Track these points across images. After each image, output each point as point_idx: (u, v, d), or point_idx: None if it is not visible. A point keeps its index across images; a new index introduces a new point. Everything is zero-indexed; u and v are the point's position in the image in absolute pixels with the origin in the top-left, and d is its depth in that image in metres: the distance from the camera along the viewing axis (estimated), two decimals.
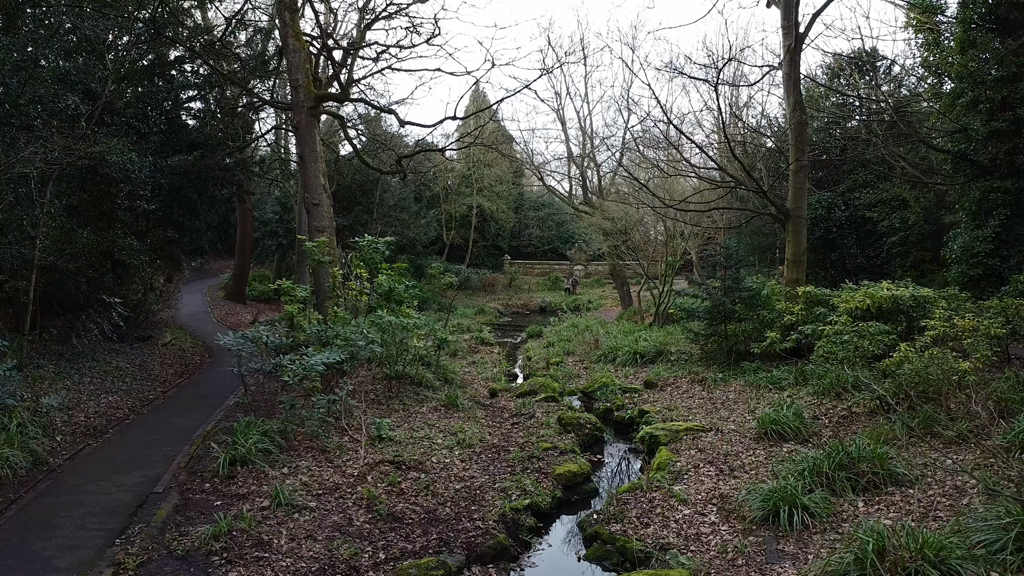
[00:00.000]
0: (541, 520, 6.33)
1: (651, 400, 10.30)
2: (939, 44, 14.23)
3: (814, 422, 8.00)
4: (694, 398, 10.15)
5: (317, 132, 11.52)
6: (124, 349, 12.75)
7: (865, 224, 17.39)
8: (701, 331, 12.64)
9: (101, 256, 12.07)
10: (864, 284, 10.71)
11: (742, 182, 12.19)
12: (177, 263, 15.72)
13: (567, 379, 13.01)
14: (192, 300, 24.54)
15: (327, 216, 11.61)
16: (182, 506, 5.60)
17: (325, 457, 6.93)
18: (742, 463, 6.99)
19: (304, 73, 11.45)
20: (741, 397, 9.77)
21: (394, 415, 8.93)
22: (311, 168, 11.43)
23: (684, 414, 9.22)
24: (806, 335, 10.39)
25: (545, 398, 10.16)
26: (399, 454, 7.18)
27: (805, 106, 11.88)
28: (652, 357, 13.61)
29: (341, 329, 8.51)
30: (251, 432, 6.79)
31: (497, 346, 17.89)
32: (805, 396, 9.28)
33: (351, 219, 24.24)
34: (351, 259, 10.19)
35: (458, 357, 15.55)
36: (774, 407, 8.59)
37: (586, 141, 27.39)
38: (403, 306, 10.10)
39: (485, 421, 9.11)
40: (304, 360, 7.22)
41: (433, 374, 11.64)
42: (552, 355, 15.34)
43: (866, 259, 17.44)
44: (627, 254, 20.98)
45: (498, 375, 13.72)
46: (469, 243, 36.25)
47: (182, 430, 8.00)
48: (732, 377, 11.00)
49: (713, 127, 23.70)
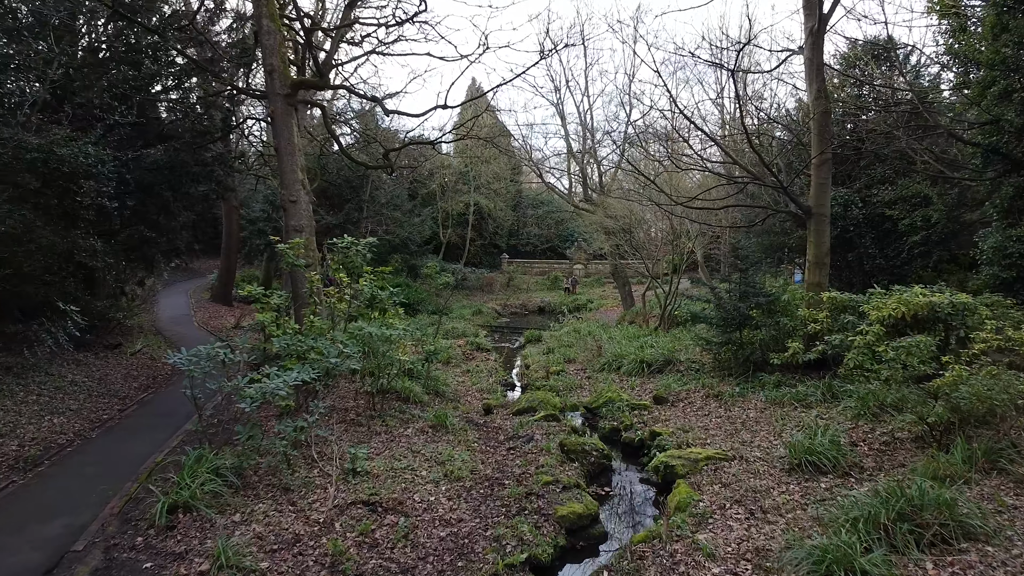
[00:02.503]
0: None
1: (662, 418, 9.29)
2: (966, 30, 13.27)
3: (852, 450, 7.01)
4: (710, 416, 9.15)
5: (295, 123, 10.49)
6: (87, 360, 11.74)
7: (883, 223, 16.38)
8: (714, 339, 11.64)
9: (61, 258, 11.05)
10: (896, 289, 9.73)
11: (758, 177, 11.16)
12: (151, 265, 14.67)
13: (569, 391, 12.01)
14: (175, 302, 23.51)
15: (306, 215, 10.59)
16: (102, 570, 4.59)
17: (287, 498, 5.91)
18: (776, 503, 5.99)
19: (280, 58, 10.40)
20: (763, 416, 8.77)
21: (375, 439, 7.92)
22: (288, 162, 10.40)
23: (701, 436, 8.22)
24: (833, 346, 9.40)
25: (545, 416, 9.15)
26: (375, 491, 6.17)
27: (829, 94, 10.86)
28: (660, 366, 12.62)
29: (313, 342, 7.49)
30: (200, 469, 5.78)
31: (494, 352, 16.87)
32: (836, 416, 8.29)
33: (342, 217, 23.20)
34: (329, 262, 9.16)
35: (451, 365, 14.55)
36: (805, 431, 7.61)
37: (586, 136, 26.40)
38: (387, 314, 9.08)
39: (478, 445, 8.10)
40: (266, 383, 6.20)
41: (423, 387, 10.65)
42: (552, 363, 14.34)
43: (885, 260, 16.43)
44: (630, 253, 19.98)
45: (494, 386, 12.71)
46: (466, 242, 35.24)
47: (130, 460, 6.99)
48: (750, 391, 10.01)
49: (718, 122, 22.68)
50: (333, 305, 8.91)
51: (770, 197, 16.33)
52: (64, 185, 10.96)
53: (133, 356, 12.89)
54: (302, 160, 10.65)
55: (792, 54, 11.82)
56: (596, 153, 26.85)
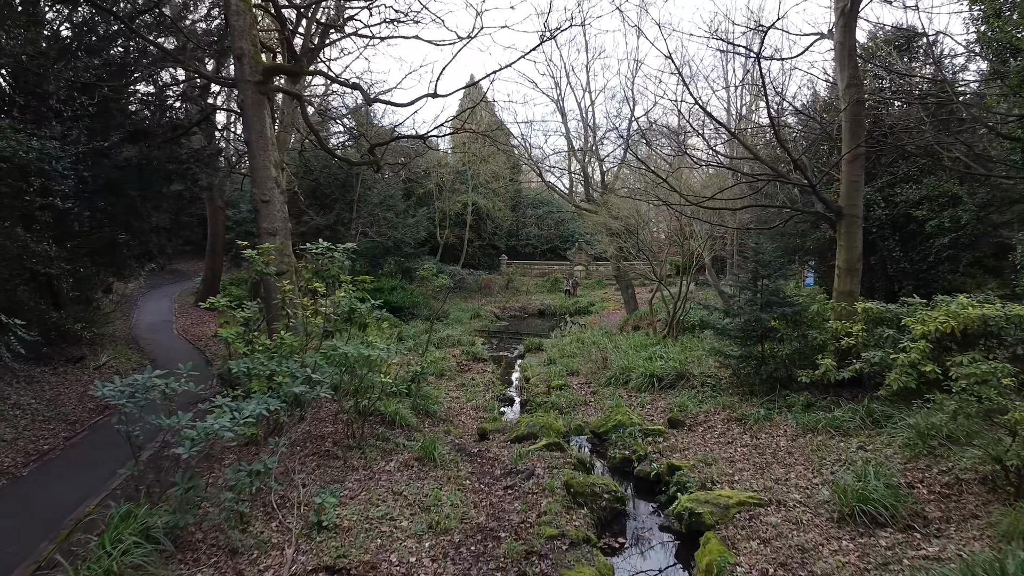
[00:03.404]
0: None
1: (680, 446, 8.22)
2: (1000, 15, 12.21)
3: (909, 493, 5.94)
4: (734, 445, 8.07)
5: (267, 114, 9.41)
6: (41, 376, 10.66)
7: (908, 224, 15.32)
8: (732, 352, 10.57)
9: (9, 264, 9.97)
10: (941, 299, 8.67)
11: (782, 175, 10.09)
12: (121, 270, 13.58)
13: (572, 408, 10.95)
14: (158, 307, 22.44)
15: (280, 216, 9.52)
16: None
17: (234, 564, 4.84)
18: (829, 568, 4.92)
19: (251, 41, 9.32)
20: (796, 446, 7.70)
21: (351, 476, 6.85)
22: (260, 157, 9.33)
23: (727, 471, 7.15)
24: (872, 364, 8.34)
25: (547, 445, 8.07)
26: (344, 552, 5.10)
27: (862, 81, 9.79)
28: (671, 381, 11.55)
29: (277, 365, 6.42)
30: (126, 530, 4.71)
31: (491, 363, 15.80)
32: (880, 448, 7.22)
33: (332, 218, 22.12)
34: (302, 270, 8.09)
35: (445, 378, 13.47)
36: (849, 467, 6.55)
37: (588, 134, 25.34)
38: (368, 330, 8.01)
39: (470, 482, 7.02)
40: (210, 421, 5.12)
41: (412, 405, 9.58)
42: (554, 375, 13.27)
43: (910, 263, 15.36)
44: (636, 256, 18.89)
45: (491, 402, 11.63)
46: (464, 243, 34.18)
47: (59, 507, 5.92)
48: (776, 413, 8.94)
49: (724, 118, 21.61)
50: (306, 320, 7.83)
51: (786, 196, 15.27)
52: (14, 184, 9.91)
53: (96, 371, 11.80)
54: (276, 155, 9.58)
55: (819, 38, 10.74)
56: (598, 151, 25.81)
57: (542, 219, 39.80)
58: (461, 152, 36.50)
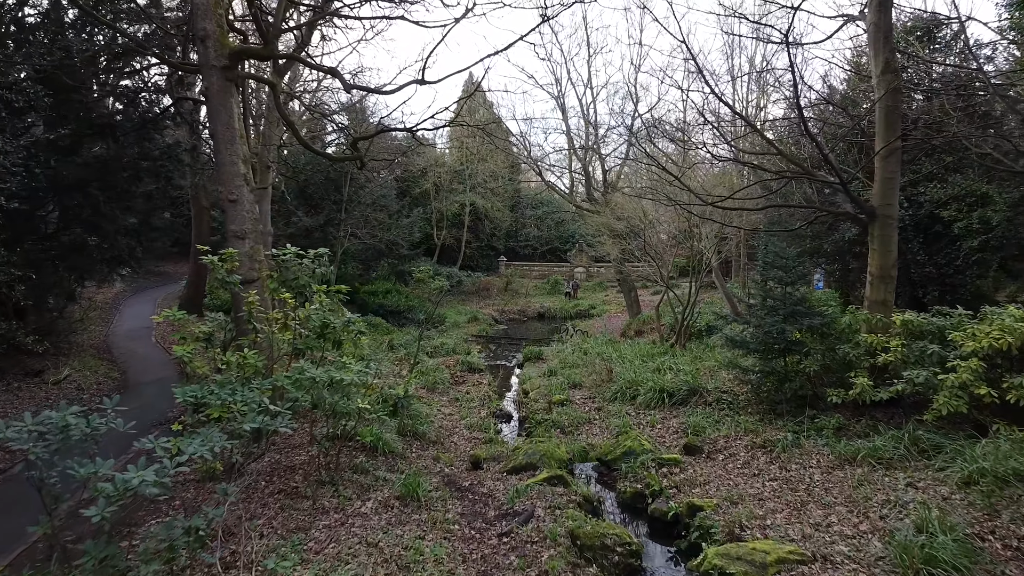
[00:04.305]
0: None
1: (700, 479, 7.22)
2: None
3: (980, 549, 4.97)
4: (762, 478, 7.09)
5: (235, 103, 8.42)
6: None
7: (933, 225, 14.36)
8: (753, 367, 9.60)
9: None
10: (990, 311, 7.72)
11: (808, 172, 9.12)
12: (88, 275, 12.57)
13: (576, 427, 9.98)
14: (140, 311, 21.42)
15: (250, 217, 8.52)
16: None
17: None
18: None
19: (216, 21, 8.33)
20: (833, 480, 6.72)
21: (320, 521, 5.86)
22: (226, 151, 8.34)
23: (756, 512, 6.17)
24: (916, 384, 7.38)
25: (548, 478, 7.08)
26: None
27: (899, 67, 8.82)
28: (684, 396, 10.58)
29: (230, 394, 5.44)
30: None
31: (487, 373, 14.81)
32: (934, 485, 6.23)
33: (322, 219, 21.12)
34: (266, 279, 7.11)
35: (437, 391, 12.50)
36: (907, 514, 5.58)
37: (589, 131, 24.37)
38: (344, 347, 7.02)
39: (459, 527, 6.03)
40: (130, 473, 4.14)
41: (398, 428, 8.61)
42: (555, 389, 12.28)
43: (935, 268, 14.39)
44: (641, 257, 17.90)
45: (486, 420, 10.66)
46: (462, 244, 33.22)
47: None
48: (805, 437, 7.96)
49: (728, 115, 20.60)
50: (272, 336, 6.85)
51: (802, 195, 14.28)
52: None
53: (56, 385, 10.82)
54: (246, 149, 8.59)
55: (847, 21, 9.76)
56: (600, 149, 24.84)
57: (542, 220, 38.83)
58: (459, 151, 35.53)
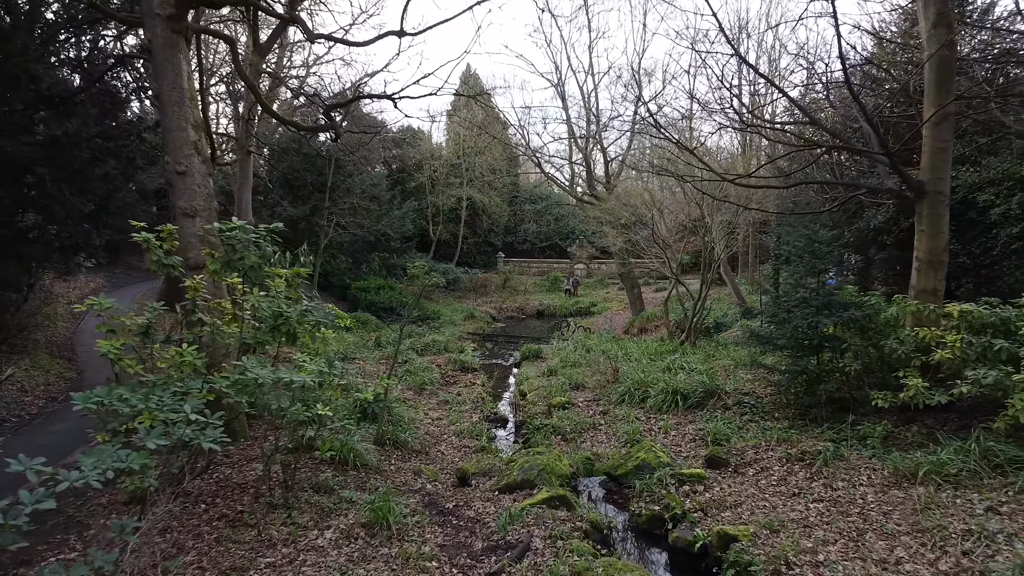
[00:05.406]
0: None
1: (730, 500, 6.04)
2: None
3: None
4: (804, 498, 5.91)
5: (184, 59, 7.24)
6: None
7: (967, 211, 13.20)
8: (781, 367, 8.44)
9: None
10: None
11: (846, 142, 7.96)
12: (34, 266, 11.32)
13: (579, 433, 8.82)
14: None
15: (202, 193, 7.34)
16: None
17: None
18: None
19: None
20: (890, 501, 5.55)
21: (263, 556, 4.69)
22: (173, 115, 7.16)
23: (804, 545, 5.00)
24: (983, 385, 6.21)
25: (547, 499, 5.90)
26: None
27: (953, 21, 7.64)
28: (700, 399, 9.42)
29: (144, 399, 4.28)
30: None
31: (482, 373, 13.64)
32: (1019, 508, 5.07)
33: (308, 209, 19.93)
34: (209, 260, 5.94)
35: (426, 393, 11.33)
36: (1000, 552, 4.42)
37: (591, 120, 23.21)
38: (303, 341, 5.86)
39: (436, 565, 4.85)
40: None
41: (376, 435, 7.44)
42: (555, 390, 11.11)
43: (969, 257, 13.23)
44: (646, 249, 16.74)
45: (478, 425, 9.49)
46: (459, 239, 32.03)
47: None
48: (848, 448, 6.80)
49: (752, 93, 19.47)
50: (216, 329, 5.68)
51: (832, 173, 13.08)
52: None
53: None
54: (196, 113, 7.41)
55: None
56: (601, 139, 23.69)
57: (541, 214, 37.64)
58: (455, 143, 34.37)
